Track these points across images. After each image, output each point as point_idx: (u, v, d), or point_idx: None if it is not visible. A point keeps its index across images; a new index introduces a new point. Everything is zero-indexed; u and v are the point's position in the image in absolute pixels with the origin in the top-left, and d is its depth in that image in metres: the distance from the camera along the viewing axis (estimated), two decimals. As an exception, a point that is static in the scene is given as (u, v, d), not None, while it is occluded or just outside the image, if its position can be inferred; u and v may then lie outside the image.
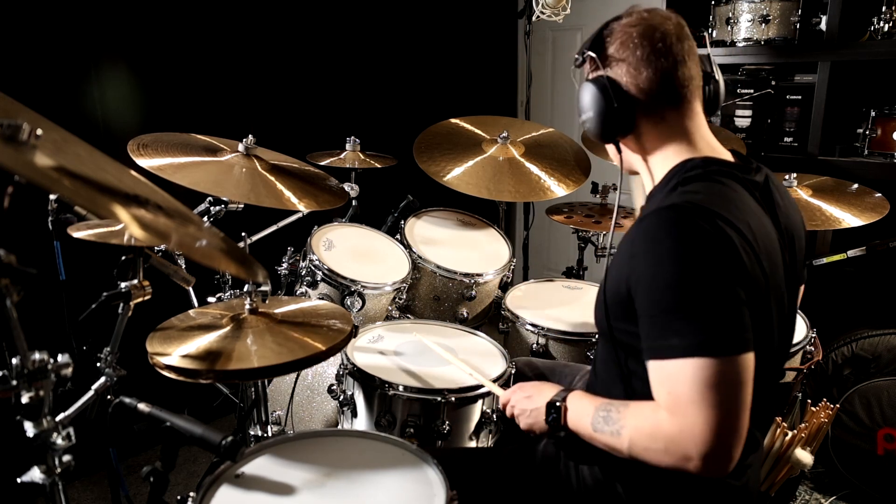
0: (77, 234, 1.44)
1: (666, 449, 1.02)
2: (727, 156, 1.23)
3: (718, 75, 1.29)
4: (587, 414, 1.17)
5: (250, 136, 1.79)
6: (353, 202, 2.48)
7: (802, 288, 1.43)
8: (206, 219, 1.79)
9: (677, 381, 1.01)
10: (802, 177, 2.36)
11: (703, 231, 1.03)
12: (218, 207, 1.80)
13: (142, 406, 1.28)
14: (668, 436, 1.02)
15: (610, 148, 1.31)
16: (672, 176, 1.19)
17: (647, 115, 1.21)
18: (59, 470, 1.18)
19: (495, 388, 1.56)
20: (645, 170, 1.28)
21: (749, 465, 1.22)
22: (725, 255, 1.02)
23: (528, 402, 1.33)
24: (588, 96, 1.22)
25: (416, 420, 1.61)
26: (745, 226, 1.07)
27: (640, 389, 1.14)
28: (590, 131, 1.26)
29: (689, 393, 0.99)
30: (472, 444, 1.68)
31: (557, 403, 1.23)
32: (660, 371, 1.04)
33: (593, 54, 1.22)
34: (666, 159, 1.22)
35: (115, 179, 1.11)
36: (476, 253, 2.44)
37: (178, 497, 1.21)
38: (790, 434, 1.74)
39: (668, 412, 1.03)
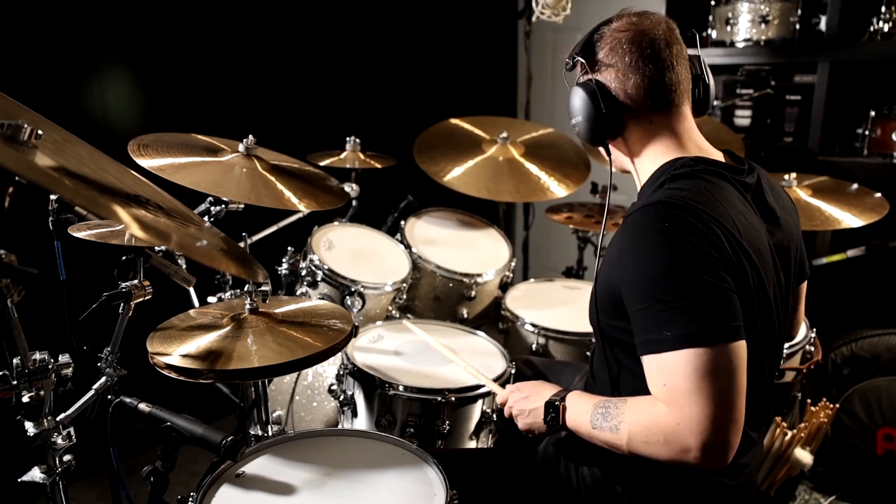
0: (78, 234, 1.44)
1: (665, 441, 1.02)
2: (718, 156, 1.25)
3: (709, 77, 1.30)
4: (586, 412, 1.17)
5: (250, 136, 1.79)
6: (354, 202, 2.48)
7: (805, 285, 1.43)
8: (206, 219, 1.79)
9: (672, 373, 1.01)
10: (802, 177, 2.37)
11: (686, 223, 1.04)
12: (218, 207, 1.80)
13: (142, 406, 1.29)
14: (666, 428, 1.02)
15: (600, 149, 1.33)
16: (661, 174, 1.20)
17: (635, 119, 1.23)
18: (59, 470, 1.19)
19: (495, 387, 1.56)
20: (634, 170, 1.30)
21: (745, 464, 1.22)
22: (710, 246, 1.03)
23: (526, 403, 1.33)
24: (577, 101, 1.24)
25: (417, 420, 1.61)
26: (729, 221, 1.08)
27: (634, 386, 1.15)
28: (580, 135, 1.28)
29: (685, 384, 1.00)
30: (473, 443, 1.69)
31: (556, 403, 1.23)
32: (655, 364, 1.05)
33: (582, 59, 1.24)
34: (654, 159, 1.24)
35: (116, 180, 1.11)
36: (476, 253, 2.44)
37: (179, 497, 1.21)
38: (790, 434, 1.74)
39: (665, 405, 1.03)
